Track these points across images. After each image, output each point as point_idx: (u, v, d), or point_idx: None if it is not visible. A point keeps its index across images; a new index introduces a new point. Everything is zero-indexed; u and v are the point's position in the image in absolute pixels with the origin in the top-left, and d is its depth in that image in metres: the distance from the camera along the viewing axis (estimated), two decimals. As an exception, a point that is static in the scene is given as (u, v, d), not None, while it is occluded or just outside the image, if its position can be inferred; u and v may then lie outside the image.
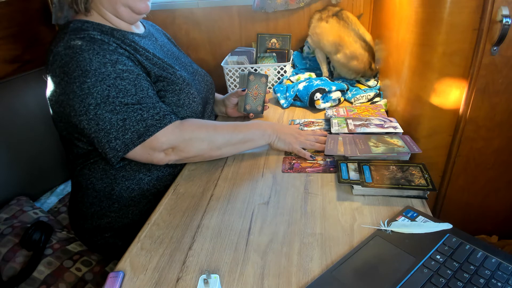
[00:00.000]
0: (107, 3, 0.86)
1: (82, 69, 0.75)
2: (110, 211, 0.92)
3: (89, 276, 0.95)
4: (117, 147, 0.78)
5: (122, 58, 0.81)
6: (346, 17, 1.18)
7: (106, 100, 0.76)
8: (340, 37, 1.18)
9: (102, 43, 0.80)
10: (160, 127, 0.79)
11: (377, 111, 1.08)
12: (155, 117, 0.79)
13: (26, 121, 1.22)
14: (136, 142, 0.78)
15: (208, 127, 0.86)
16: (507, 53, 0.81)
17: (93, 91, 0.75)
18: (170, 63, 0.95)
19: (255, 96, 1.12)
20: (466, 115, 0.89)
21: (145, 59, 0.87)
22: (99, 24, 0.86)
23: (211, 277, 0.56)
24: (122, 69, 0.79)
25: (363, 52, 1.17)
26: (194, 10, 1.54)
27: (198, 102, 0.95)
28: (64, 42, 0.78)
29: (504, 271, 0.54)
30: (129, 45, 0.86)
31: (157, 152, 0.81)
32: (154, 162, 0.83)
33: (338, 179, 0.78)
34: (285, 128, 0.96)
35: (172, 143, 0.81)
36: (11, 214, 1.10)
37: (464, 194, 1.03)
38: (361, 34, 1.16)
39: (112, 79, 0.77)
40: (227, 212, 0.75)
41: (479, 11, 0.78)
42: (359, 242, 0.63)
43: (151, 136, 0.78)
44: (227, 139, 0.88)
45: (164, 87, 0.88)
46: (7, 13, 1.33)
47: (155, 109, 0.80)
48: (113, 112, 0.76)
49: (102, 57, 0.77)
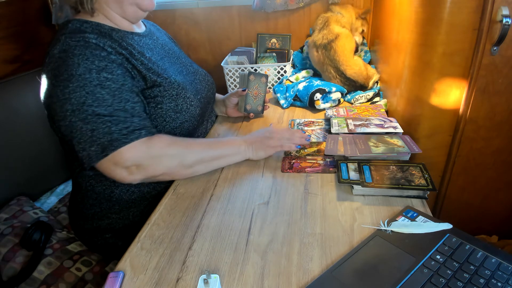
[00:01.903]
0: (113, 3, 0.85)
1: (69, 73, 0.74)
2: (110, 212, 0.92)
3: (89, 276, 0.95)
4: (83, 159, 0.76)
5: (112, 65, 0.79)
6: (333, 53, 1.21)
7: (81, 107, 0.74)
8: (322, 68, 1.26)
9: (95, 48, 0.78)
10: (125, 142, 0.74)
11: (377, 111, 1.08)
12: (122, 131, 0.75)
13: (26, 121, 1.22)
14: (100, 155, 0.74)
15: (179, 144, 0.82)
16: (507, 53, 0.81)
17: (72, 96, 0.74)
18: (166, 66, 0.94)
19: (255, 96, 1.12)
20: (466, 115, 0.89)
21: (140, 64, 0.86)
22: (98, 25, 0.85)
23: (211, 277, 0.56)
24: (106, 77, 0.76)
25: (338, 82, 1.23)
26: (194, 10, 1.54)
27: (195, 106, 0.94)
28: (60, 44, 0.78)
29: (504, 271, 0.54)
30: (126, 49, 0.85)
31: (119, 168, 0.76)
32: (117, 179, 0.78)
33: (338, 179, 0.78)
34: (255, 137, 0.92)
35: (136, 160, 0.76)
36: (11, 214, 1.10)
37: (464, 194, 1.03)
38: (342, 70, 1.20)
39: (92, 86, 0.75)
40: (227, 212, 0.75)
41: (479, 11, 0.78)
42: (359, 242, 0.63)
43: (114, 151, 0.74)
44: (199, 156, 0.84)
45: (161, 93, 0.87)
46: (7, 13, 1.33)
47: (125, 123, 0.76)
48: (84, 121, 0.74)
49: (90, 63, 0.76)
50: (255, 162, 0.92)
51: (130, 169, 0.77)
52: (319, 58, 1.24)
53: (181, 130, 0.92)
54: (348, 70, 1.18)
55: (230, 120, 1.18)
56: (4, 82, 1.22)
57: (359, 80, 1.20)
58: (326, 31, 1.23)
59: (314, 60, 1.28)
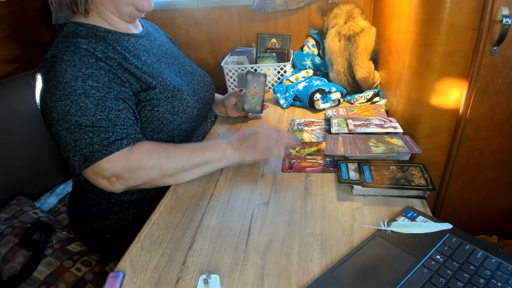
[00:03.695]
0: (109, 4, 0.85)
1: (56, 80, 0.75)
2: (110, 213, 0.92)
3: (89, 276, 0.95)
4: (69, 167, 0.77)
5: (99, 72, 0.78)
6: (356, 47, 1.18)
7: (65, 116, 0.74)
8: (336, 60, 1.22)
9: (84, 55, 0.78)
10: (105, 154, 0.74)
11: (377, 111, 1.08)
12: (103, 142, 0.75)
13: (26, 121, 1.22)
14: (82, 166, 0.75)
15: (160, 154, 0.80)
16: (507, 53, 0.81)
17: (58, 104, 0.74)
18: (162, 68, 0.93)
19: (253, 95, 1.12)
20: (466, 115, 0.89)
21: (134, 67, 0.85)
22: (93, 27, 0.84)
23: (211, 277, 0.56)
24: (91, 85, 0.76)
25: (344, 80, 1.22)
26: (194, 10, 1.54)
27: (192, 107, 0.93)
28: (52, 49, 0.78)
29: (504, 271, 0.54)
30: (119, 53, 0.84)
31: (100, 178, 0.77)
32: (100, 187, 0.78)
33: (338, 179, 0.78)
34: (243, 139, 0.87)
35: (116, 171, 0.76)
36: (11, 214, 1.10)
37: (464, 194, 1.03)
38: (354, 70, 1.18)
39: (77, 95, 0.75)
40: (227, 212, 0.75)
41: (479, 11, 0.78)
42: (359, 242, 0.63)
43: (95, 163, 0.75)
44: (182, 165, 0.82)
45: (156, 95, 0.86)
46: (7, 13, 1.33)
47: (107, 134, 0.76)
48: (68, 131, 0.75)
49: (77, 70, 0.76)
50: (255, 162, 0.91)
51: (111, 179, 0.77)
52: (340, 48, 1.19)
53: (179, 132, 0.91)
54: (359, 73, 1.17)
55: (230, 121, 1.18)
56: (4, 82, 1.22)
57: (364, 85, 1.19)
58: (352, 23, 1.21)
59: (331, 49, 1.22)
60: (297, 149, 0.96)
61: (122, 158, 0.76)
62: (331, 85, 1.18)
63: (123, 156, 0.76)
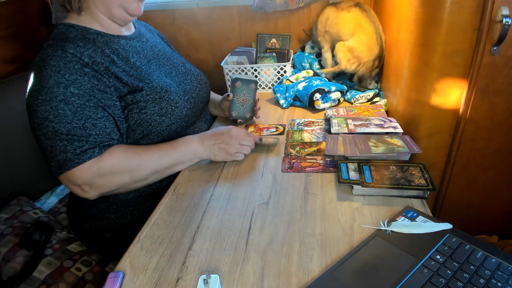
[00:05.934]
0: (101, 4, 0.85)
1: (41, 84, 0.76)
2: (108, 212, 0.92)
3: (89, 276, 0.95)
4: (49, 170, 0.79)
5: (82, 79, 0.79)
6: (368, 9, 1.21)
7: (43, 122, 0.75)
8: (359, 24, 1.20)
9: (70, 60, 0.78)
10: (77, 163, 0.76)
11: (377, 111, 1.08)
12: (76, 151, 0.76)
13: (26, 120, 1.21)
14: (57, 172, 0.77)
15: (131, 159, 0.82)
16: (507, 53, 0.81)
17: (39, 109, 0.76)
18: (151, 70, 0.93)
19: (242, 102, 1.09)
20: (466, 115, 0.89)
21: (121, 71, 0.86)
22: (84, 29, 0.85)
23: (211, 277, 0.56)
24: (72, 92, 0.77)
25: (375, 46, 1.18)
26: (194, 10, 1.54)
27: (182, 107, 0.93)
28: (41, 52, 0.79)
29: (504, 271, 0.54)
30: (108, 56, 0.85)
31: (73, 185, 0.79)
32: (76, 194, 0.81)
33: (338, 179, 0.78)
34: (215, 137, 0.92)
35: (87, 180, 0.78)
36: (11, 214, 1.10)
37: (464, 194, 1.03)
38: (379, 30, 1.18)
39: (57, 102, 0.75)
40: (227, 212, 0.75)
41: (479, 11, 0.78)
42: (359, 242, 0.63)
43: (68, 171, 0.76)
44: (153, 168, 0.85)
45: (143, 97, 0.86)
46: (7, 13, 1.33)
47: (80, 142, 0.77)
48: (45, 137, 0.76)
49: (61, 76, 0.76)
50: (255, 162, 0.92)
51: (83, 187, 0.79)
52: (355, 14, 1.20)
53: (169, 133, 0.91)
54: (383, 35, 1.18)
55: (230, 121, 1.18)
56: (4, 82, 1.22)
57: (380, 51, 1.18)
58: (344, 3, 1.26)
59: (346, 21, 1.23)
60: (297, 149, 0.96)
61: (92, 166, 0.78)
62: (331, 85, 1.18)
63: (93, 165, 0.78)
